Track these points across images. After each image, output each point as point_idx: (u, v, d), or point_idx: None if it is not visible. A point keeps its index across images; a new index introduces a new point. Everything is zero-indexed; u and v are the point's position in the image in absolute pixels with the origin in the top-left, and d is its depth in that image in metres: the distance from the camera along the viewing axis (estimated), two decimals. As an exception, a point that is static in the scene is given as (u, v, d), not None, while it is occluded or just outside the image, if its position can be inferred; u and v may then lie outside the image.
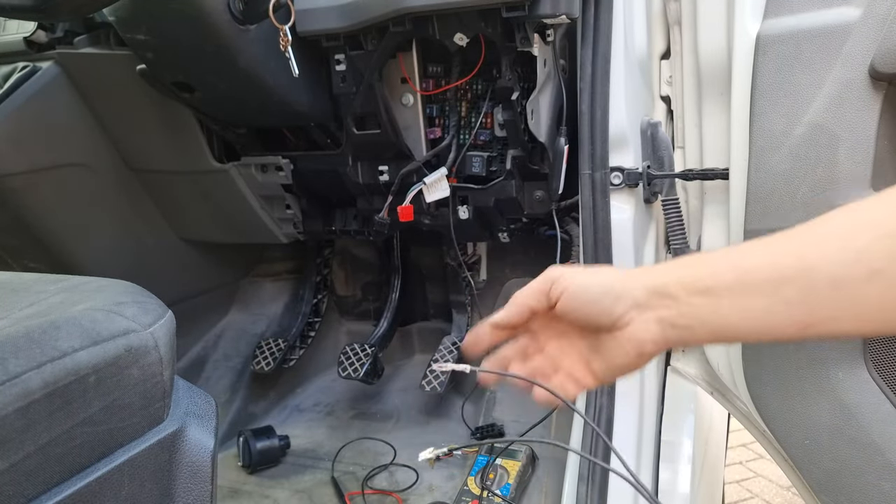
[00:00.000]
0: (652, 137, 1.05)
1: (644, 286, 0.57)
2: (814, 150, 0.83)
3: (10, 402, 0.53)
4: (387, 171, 1.24)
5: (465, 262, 1.59)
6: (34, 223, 1.32)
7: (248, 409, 1.60)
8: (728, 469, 2.19)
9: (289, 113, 1.16)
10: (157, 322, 0.68)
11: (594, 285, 0.59)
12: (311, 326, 1.72)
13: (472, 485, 1.19)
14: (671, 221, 1.04)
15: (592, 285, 0.59)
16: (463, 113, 1.20)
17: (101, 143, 1.36)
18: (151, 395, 0.66)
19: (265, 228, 1.46)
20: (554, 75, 1.08)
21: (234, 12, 1.00)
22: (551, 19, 0.97)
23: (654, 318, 0.56)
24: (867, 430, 0.83)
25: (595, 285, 0.58)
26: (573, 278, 0.59)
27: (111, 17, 1.05)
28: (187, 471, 0.70)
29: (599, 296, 0.58)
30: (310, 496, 1.31)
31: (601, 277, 0.59)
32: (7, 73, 1.26)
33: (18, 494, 0.55)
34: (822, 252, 0.52)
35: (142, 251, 1.49)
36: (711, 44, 0.96)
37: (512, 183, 1.18)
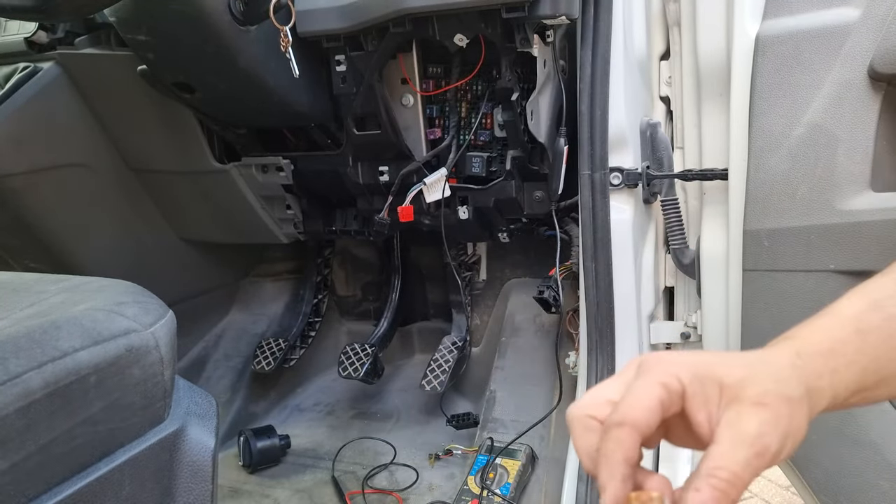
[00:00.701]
0: (651, 138, 1.05)
1: (800, 379, 0.42)
2: (813, 150, 0.83)
3: (10, 402, 0.54)
4: (387, 172, 1.24)
5: (465, 263, 1.60)
6: (35, 223, 1.33)
7: (249, 409, 1.60)
8: (728, 469, 2.19)
9: (289, 113, 1.17)
10: (157, 322, 0.68)
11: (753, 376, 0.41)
12: (312, 326, 1.72)
13: (472, 484, 1.19)
14: (670, 222, 1.05)
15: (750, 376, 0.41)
16: (463, 113, 1.21)
17: (102, 144, 1.36)
18: (152, 395, 0.67)
19: (265, 228, 1.47)
20: (554, 76, 1.08)
21: (234, 13, 1.00)
22: (551, 20, 0.97)
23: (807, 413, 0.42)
24: (866, 429, 0.83)
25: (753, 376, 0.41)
26: (748, 383, 0.40)
27: (112, 18, 1.05)
28: (188, 470, 0.70)
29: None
30: (310, 495, 1.32)
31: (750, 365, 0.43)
32: (8, 73, 1.26)
33: (19, 494, 0.55)
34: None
35: (142, 251, 1.49)
36: (711, 44, 0.96)
37: (511, 183, 1.19)
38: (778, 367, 0.41)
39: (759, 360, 0.42)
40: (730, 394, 0.39)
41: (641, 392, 0.39)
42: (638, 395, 0.39)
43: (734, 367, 0.40)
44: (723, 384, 0.39)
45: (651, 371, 0.40)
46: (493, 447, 1.26)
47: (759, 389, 0.38)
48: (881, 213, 0.80)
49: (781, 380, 0.40)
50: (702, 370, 0.39)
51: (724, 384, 0.39)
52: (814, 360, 0.43)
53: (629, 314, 1.07)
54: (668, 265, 1.13)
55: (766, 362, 0.41)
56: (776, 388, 0.39)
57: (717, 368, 0.40)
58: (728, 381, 0.39)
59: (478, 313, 1.63)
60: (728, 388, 0.39)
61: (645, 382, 0.39)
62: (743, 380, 0.39)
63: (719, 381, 0.39)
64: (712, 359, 0.41)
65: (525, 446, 1.24)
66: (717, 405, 0.39)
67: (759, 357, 0.42)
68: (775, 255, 0.87)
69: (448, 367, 1.45)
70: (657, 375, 0.39)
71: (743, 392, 0.38)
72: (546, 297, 1.21)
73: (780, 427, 0.38)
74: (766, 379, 0.39)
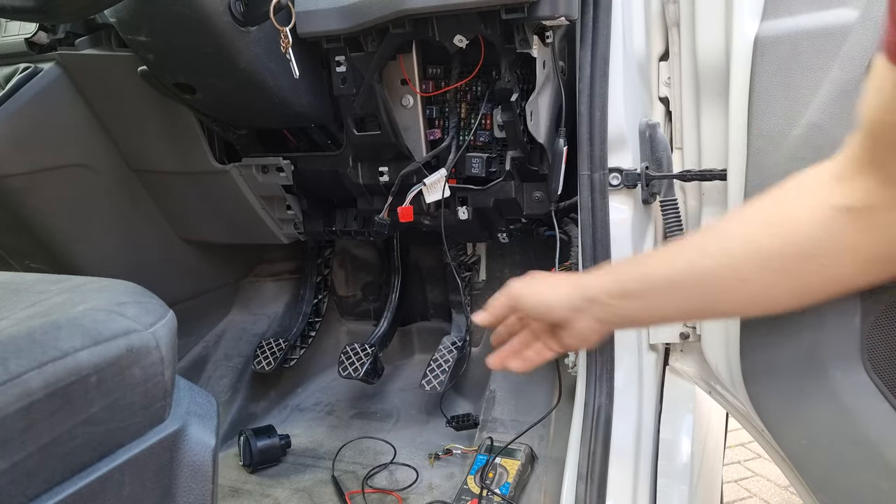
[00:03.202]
0: (650, 138, 1.06)
1: (581, 296, 0.79)
2: (812, 151, 0.83)
3: (11, 402, 0.54)
4: (387, 172, 1.24)
5: (465, 263, 1.60)
6: (35, 224, 1.33)
7: (249, 409, 1.61)
8: (726, 468, 2.20)
9: (289, 114, 1.17)
10: (158, 322, 0.68)
11: (544, 302, 0.82)
12: (312, 326, 1.73)
13: (472, 484, 1.19)
14: (669, 222, 1.05)
15: (542, 302, 0.82)
16: (462, 114, 1.21)
17: (103, 144, 1.36)
18: (153, 395, 0.67)
19: (266, 229, 1.47)
20: (553, 77, 1.09)
21: (234, 14, 1.00)
22: (550, 21, 0.97)
23: (590, 317, 0.79)
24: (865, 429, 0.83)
25: (543, 299, 0.82)
26: (530, 296, 0.83)
27: (112, 19, 1.06)
28: (188, 470, 0.70)
29: (549, 309, 0.81)
30: (310, 495, 1.32)
31: (549, 292, 0.82)
32: (8, 74, 1.26)
33: (20, 493, 0.55)
34: (706, 262, 0.71)
35: (143, 251, 1.49)
36: (710, 45, 0.96)
37: (511, 184, 1.19)
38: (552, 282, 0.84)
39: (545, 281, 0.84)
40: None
41: (495, 300, 0.86)
42: (493, 301, 0.86)
43: (525, 284, 0.84)
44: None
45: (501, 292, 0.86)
46: (493, 447, 1.26)
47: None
48: (880, 213, 0.80)
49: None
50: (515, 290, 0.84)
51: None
52: (590, 281, 0.79)
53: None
54: (668, 265, 1.13)
55: (548, 280, 0.85)
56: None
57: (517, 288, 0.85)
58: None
59: (477, 313, 1.63)
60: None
61: (496, 297, 0.86)
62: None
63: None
64: (520, 284, 0.84)
65: (525, 446, 1.24)
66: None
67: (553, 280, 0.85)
68: (774, 256, 0.87)
69: (448, 367, 1.45)
70: (503, 293, 0.85)
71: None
72: (546, 298, 1.21)
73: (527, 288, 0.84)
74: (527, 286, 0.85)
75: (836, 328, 0.84)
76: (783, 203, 0.70)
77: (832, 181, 0.68)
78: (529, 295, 0.83)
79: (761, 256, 0.69)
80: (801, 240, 0.67)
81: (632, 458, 1.02)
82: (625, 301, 0.77)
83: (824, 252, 0.67)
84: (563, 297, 0.80)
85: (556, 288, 0.82)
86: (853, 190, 0.65)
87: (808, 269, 0.68)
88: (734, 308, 0.77)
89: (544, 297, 0.82)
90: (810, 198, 0.68)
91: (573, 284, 0.81)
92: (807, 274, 0.69)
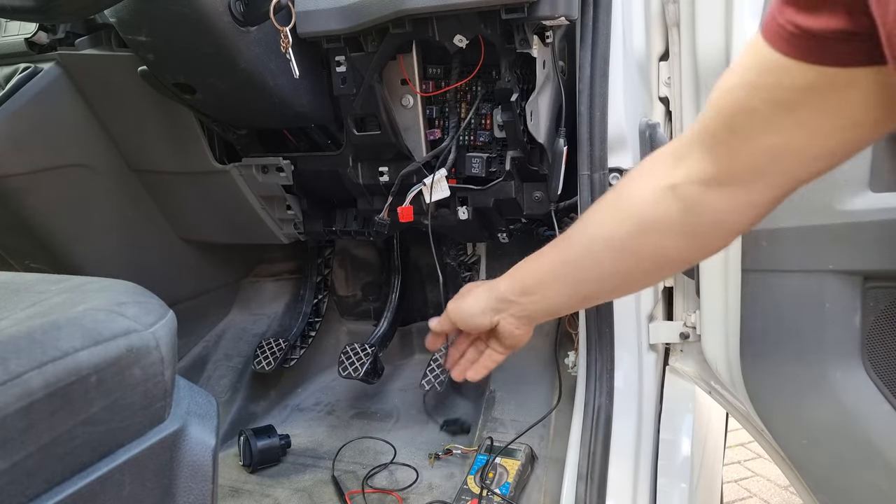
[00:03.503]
0: (650, 138, 1.06)
1: (495, 299, 0.89)
2: (811, 151, 0.83)
3: (11, 402, 0.54)
4: (387, 172, 1.24)
5: (465, 263, 1.60)
6: (35, 224, 1.33)
7: (249, 409, 1.61)
8: (726, 468, 2.20)
9: (289, 114, 1.17)
10: (158, 322, 0.68)
11: (467, 311, 0.92)
12: (312, 326, 1.73)
13: (472, 484, 1.19)
14: (670, 222, 1.05)
15: (466, 311, 0.92)
16: (463, 114, 1.21)
17: (103, 144, 1.36)
18: (153, 395, 0.67)
19: (266, 229, 1.47)
20: (553, 77, 1.09)
21: (234, 14, 1.00)
22: (550, 21, 0.97)
23: (509, 316, 0.89)
24: (865, 429, 0.83)
25: (467, 310, 0.92)
26: (457, 311, 0.93)
27: (112, 19, 1.06)
28: (188, 470, 0.70)
29: (473, 315, 0.91)
30: (310, 495, 1.32)
31: (472, 302, 0.92)
32: (8, 74, 1.26)
33: (20, 493, 0.55)
34: (572, 251, 0.81)
35: (143, 251, 1.49)
36: (710, 45, 0.96)
37: (511, 184, 1.19)
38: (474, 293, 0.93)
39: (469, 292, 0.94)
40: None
41: (434, 321, 0.99)
42: (433, 322, 0.99)
43: (454, 301, 0.95)
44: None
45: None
46: (493, 447, 1.26)
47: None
48: (880, 213, 0.80)
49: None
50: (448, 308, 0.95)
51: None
52: (500, 283, 0.89)
53: (628, 314, 1.07)
54: (668, 265, 1.13)
55: (472, 292, 0.93)
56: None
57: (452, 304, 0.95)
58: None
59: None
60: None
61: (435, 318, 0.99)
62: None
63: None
64: (451, 302, 0.96)
65: (525, 446, 1.24)
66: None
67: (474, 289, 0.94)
68: (774, 256, 0.88)
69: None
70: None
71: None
72: (546, 298, 1.22)
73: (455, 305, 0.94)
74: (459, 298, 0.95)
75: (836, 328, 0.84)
76: (629, 185, 0.75)
77: (667, 159, 0.71)
78: (456, 310, 0.93)
79: (608, 237, 0.76)
80: (639, 219, 0.73)
81: (632, 458, 1.02)
82: (527, 297, 0.86)
83: (657, 229, 0.72)
84: (483, 303, 0.90)
85: (476, 297, 0.91)
86: (682, 168, 0.69)
87: (647, 247, 0.74)
88: (597, 291, 0.85)
89: (468, 308, 0.92)
90: (650, 178, 0.72)
91: (488, 289, 0.90)
92: (646, 251, 0.74)
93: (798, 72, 0.56)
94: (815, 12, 0.54)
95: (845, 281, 0.83)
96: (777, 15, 0.57)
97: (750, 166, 0.64)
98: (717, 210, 0.68)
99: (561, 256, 0.82)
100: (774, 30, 0.57)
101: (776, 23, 0.57)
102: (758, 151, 0.63)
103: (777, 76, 0.58)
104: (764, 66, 0.59)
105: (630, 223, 0.74)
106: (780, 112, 0.59)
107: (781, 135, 0.60)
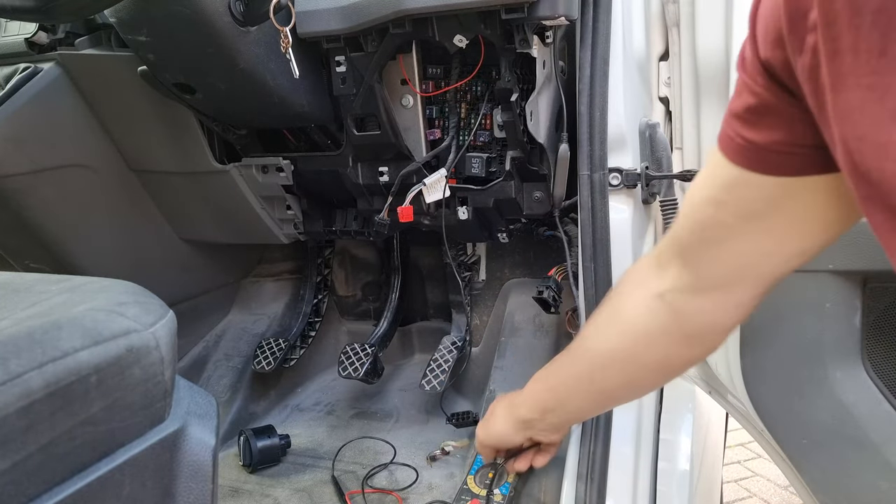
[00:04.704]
0: (650, 138, 1.06)
1: (519, 421, 0.97)
2: (811, 151, 0.83)
3: (11, 402, 0.54)
4: (387, 172, 1.24)
5: (465, 263, 1.60)
6: (35, 224, 1.33)
7: (249, 409, 1.61)
8: (726, 468, 2.20)
9: (289, 114, 1.17)
10: (158, 322, 0.68)
11: (496, 435, 1.01)
12: (312, 326, 1.73)
13: (472, 484, 1.19)
14: (669, 222, 1.05)
15: (495, 435, 1.01)
16: (462, 114, 1.21)
17: (103, 144, 1.36)
18: (153, 395, 0.67)
19: (266, 229, 1.47)
20: (553, 77, 1.09)
21: (234, 14, 1.00)
22: (550, 21, 0.97)
23: (538, 431, 0.99)
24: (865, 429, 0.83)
25: (497, 435, 1.01)
26: (486, 435, 1.02)
27: (112, 19, 1.06)
28: (188, 470, 0.70)
29: (503, 439, 1.02)
30: (310, 495, 1.32)
31: (499, 428, 1.00)
32: (8, 74, 1.26)
33: (20, 493, 0.55)
34: (591, 373, 0.84)
35: (143, 252, 1.49)
36: (710, 45, 0.97)
37: (511, 184, 1.19)
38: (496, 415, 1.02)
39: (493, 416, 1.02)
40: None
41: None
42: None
43: (481, 429, 1.04)
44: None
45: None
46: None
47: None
48: (879, 213, 0.80)
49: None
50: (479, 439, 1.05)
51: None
52: (520, 406, 0.97)
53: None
54: (668, 265, 1.13)
55: (495, 415, 1.02)
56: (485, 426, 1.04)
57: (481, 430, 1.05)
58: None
59: (477, 313, 1.64)
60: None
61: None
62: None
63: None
64: (480, 430, 1.05)
65: (524, 446, 1.24)
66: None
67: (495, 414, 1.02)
68: (774, 256, 0.87)
69: (448, 367, 1.45)
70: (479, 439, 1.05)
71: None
72: (545, 298, 1.22)
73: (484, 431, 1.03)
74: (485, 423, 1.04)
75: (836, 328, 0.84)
76: (622, 298, 0.79)
77: (652, 269, 0.73)
78: (487, 436, 1.02)
79: (612, 351, 0.79)
80: (636, 332, 0.76)
81: (632, 458, 1.02)
82: (550, 414, 0.93)
83: (656, 339, 0.75)
84: (509, 426, 0.98)
85: (502, 420, 0.99)
86: (667, 278, 0.71)
87: (650, 356, 0.77)
88: (614, 398, 0.90)
89: (497, 433, 1.00)
90: (640, 287, 0.75)
91: (509, 412, 0.98)
92: (650, 360, 0.77)
93: (756, 183, 0.57)
94: (756, 126, 0.54)
95: (845, 281, 0.83)
96: (727, 127, 0.57)
97: (727, 274, 0.66)
98: (705, 313, 0.70)
99: (572, 371, 0.87)
100: (727, 142, 0.58)
101: (727, 135, 0.57)
102: (732, 260, 0.64)
103: (739, 190, 0.59)
104: (726, 180, 0.60)
105: (630, 337, 0.77)
106: (748, 222, 0.61)
107: (753, 242, 0.62)
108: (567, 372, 0.88)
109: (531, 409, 0.94)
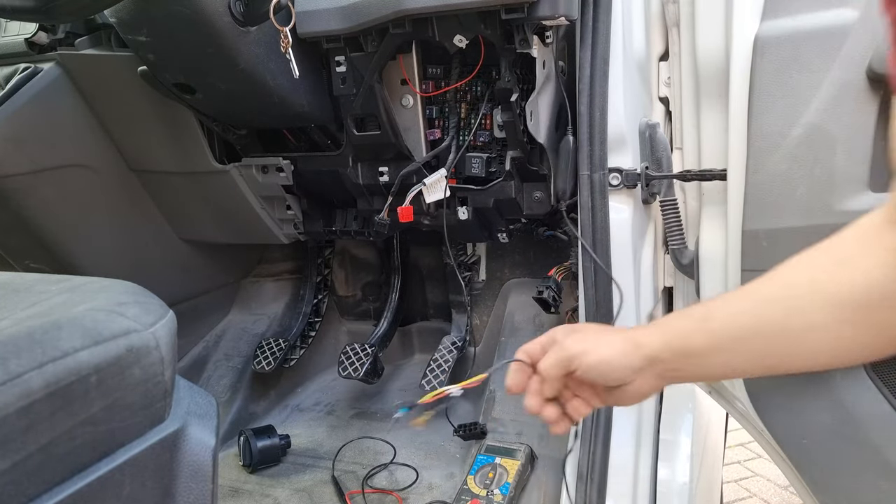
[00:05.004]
0: (650, 138, 1.06)
1: (643, 357, 0.72)
2: (812, 151, 0.83)
3: (11, 402, 0.54)
4: (387, 172, 1.24)
5: (465, 263, 1.60)
6: (36, 224, 1.33)
7: (249, 409, 1.61)
8: (726, 468, 2.20)
9: (289, 114, 1.17)
10: (158, 322, 0.68)
11: (604, 363, 0.73)
12: (312, 326, 1.73)
13: (472, 484, 1.19)
14: (669, 222, 1.05)
15: (603, 363, 0.73)
16: (462, 114, 1.21)
17: (103, 144, 1.36)
18: (153, 395, 0.67)
19: (266, 229, 1.47)
20: (553, 77, 1.09)
21: (234, 14, 1.00)
22: (550, 21, 0.97)
23: (652, 376, 0.73)
24: (865, 429, 0.83)
25: (605, 363, 0.73)
26: (587, 357, 0.73)
27: (112, 19, 1.06)
28: (188, 470, 0.70)
29: (610, 370, 0.73)
30: (310, 495, 1.32)
31: (607, 352, 0.73)
32: (8, 74, 1.26)
33: (20, 493, 0.55)
34: (772, 311, 0.68)
35: (143, 252, 1.49)
36: (710, 45, 0.96)
37: (511, 184, 1.19)
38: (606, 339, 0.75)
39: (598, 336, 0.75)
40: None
41: (547, 364, 0.74)
42: (545, 365, 0.74)
43: (578, 342, 0.74)
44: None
45: (552, 352, 0.74)
46: (493, 447, 1.26)
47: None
48: (880, 213, 0.80)
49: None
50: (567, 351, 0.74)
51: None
52: (650, 342, 0.72)
53: (628, 314, 1.07)
54: (668, 265, 1.14)
55: (601, 337, 0.75)
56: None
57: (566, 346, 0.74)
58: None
59: (477, 313, 1.64)
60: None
61: (548, 360, 0.74)
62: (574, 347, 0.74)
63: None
64: (572, 343, 0.74)
65: (524, 446, 1.24)
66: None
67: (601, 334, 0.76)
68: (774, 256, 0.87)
69: (448, 367, 1.45)
70: (555, 354, 0.74)
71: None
72: (545, 297, 1.22)
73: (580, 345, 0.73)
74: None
75: (836, 328, 0.84)
76: (843, 249, 0.67)
77: (884, 225, 0.65)
78: (584, 355, 0.73)
79: (829, 302, 0.66)
80: (865, 285, 0.64)
81: (632, 458, 1.02)
82: (689, 359, 0.71)
83: (888, 296, 0.63)
84: (623, 357, 0.73)
85: (612, 346, 0.73)
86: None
87: (878, 316, 0.65)
88: (805, 361, 0.71)
89: (603, 358, 0.73)
90: (867, 243, 0.65)
91: (630, 342, 0.73)
92: (877, 320, 0.65)
93: None
94: None
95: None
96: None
97: None
98: None
99: (754, 316, 0.69)
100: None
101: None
102: None
103: None
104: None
105: (859, 290, 0.65)
106: None
107: None
108: (746, 313, 0.69)
109: (668, 346, 0.71)
